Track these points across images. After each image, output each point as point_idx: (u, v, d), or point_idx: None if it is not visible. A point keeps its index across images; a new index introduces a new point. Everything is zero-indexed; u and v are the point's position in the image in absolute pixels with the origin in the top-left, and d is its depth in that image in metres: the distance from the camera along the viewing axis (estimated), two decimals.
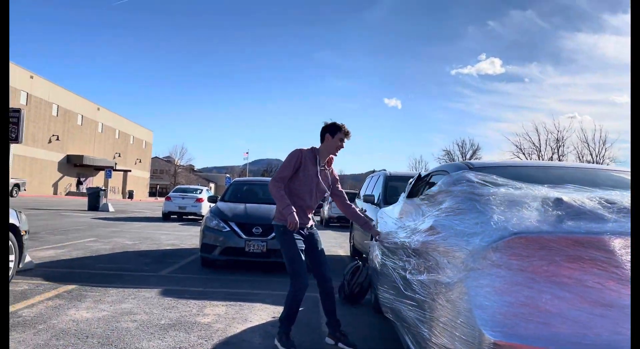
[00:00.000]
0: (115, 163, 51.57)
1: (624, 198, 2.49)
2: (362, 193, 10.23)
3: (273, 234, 7.03)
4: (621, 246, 2.11)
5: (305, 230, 3.94)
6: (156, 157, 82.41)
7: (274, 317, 4.66)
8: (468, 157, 53.65)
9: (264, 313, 4.81)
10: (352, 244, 9.65)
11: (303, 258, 3.83)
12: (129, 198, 54.05)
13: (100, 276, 6.29)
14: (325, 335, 4.00)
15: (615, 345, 1.99)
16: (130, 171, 57.50)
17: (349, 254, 10.02)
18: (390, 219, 4.39)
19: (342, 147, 4.00)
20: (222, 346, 3.74)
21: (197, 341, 3.80)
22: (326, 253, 4.17)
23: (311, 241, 3.98)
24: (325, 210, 21.04)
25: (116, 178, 54.80)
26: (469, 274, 2.25)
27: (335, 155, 4.02)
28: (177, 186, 23.02)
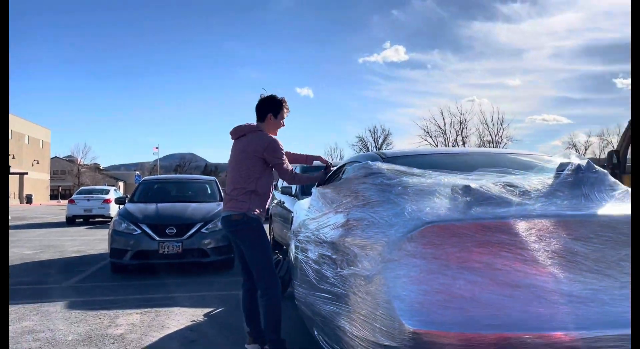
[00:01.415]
0: (9, 166, 47.43)
1: (525, 181, 2.63)
2: (279, 184, 10.17)
3: (189, 233, 6.80)
4: (525, 228, 2.22)
5: None
6: (56, 156, 76.84)
7: (192, 321, 4.49)
8: (380, 142, 55.32)
9: (183, 317, 4.62)
10: (272, 236, 9.58)
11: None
12: (27, 203, 50.07)
13: None
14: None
15: (523, 323, 2.10)
16: (27, 173, 53.05)
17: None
18: (303, 211, 4.37)
19: (283, 126, 3.61)
20: None
21: None
22: None
23: None
24: None
25: (11, 182, 50.40)
26: (386, 265, 2.27)
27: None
28: (81, 188, 21.67)
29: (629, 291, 2.22)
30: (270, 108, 3.51)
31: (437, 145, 45.72)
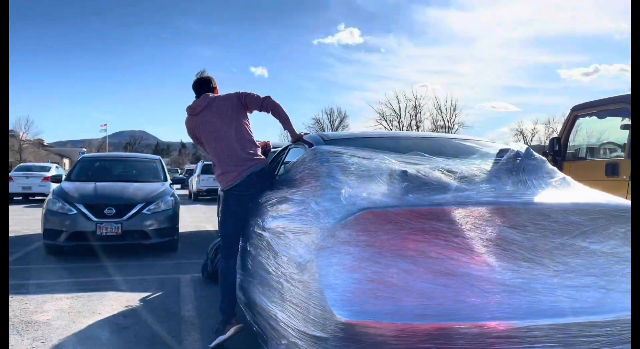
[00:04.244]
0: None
1: (463, 166, 2.58)
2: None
3: (129, 214, 6.53)
4: (460, 216, 2.16)
5: None
6: None
7: (127, 306, 4.29)
8: (337, 124, 55.26)
9: (117, 302, 4.41)
10: (219, 218, 9.38)
11: None
12: None
13: None
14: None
15: (456, 313, 2.05)
16: None
17: (216, 228, 9.73)
18: None
19: None
20: (60, 348, 3.32)
21: (30, 345, 3.33)
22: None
23: None
24: (194, 182, 20.27)
25: None
26: (319, 253, 2.16)
27: None
28: (19, 165, 20.64)
29: (561, 279, 2.21)
30: (215, 83, 3.59)
31: (391, 129, 46.10)
